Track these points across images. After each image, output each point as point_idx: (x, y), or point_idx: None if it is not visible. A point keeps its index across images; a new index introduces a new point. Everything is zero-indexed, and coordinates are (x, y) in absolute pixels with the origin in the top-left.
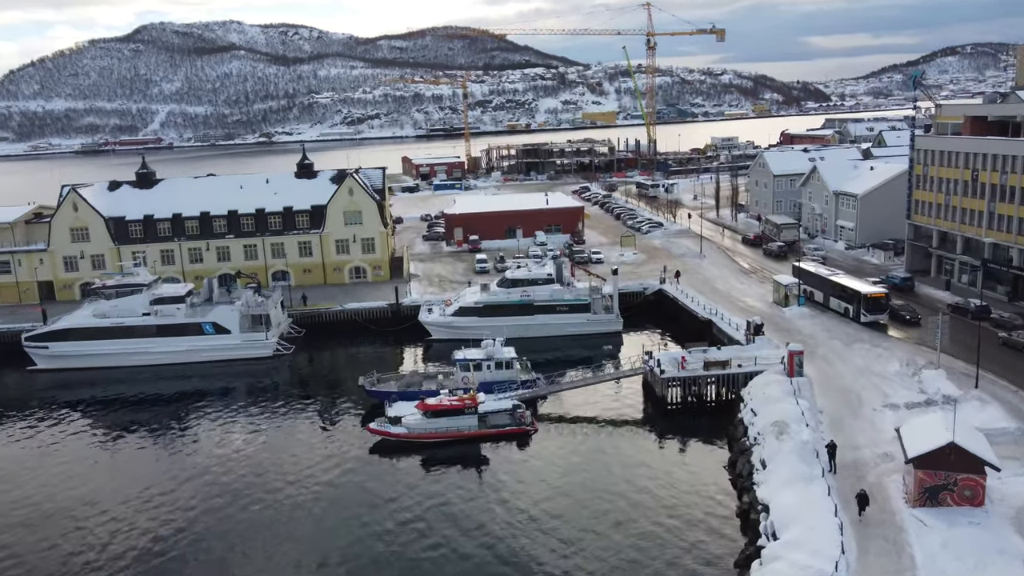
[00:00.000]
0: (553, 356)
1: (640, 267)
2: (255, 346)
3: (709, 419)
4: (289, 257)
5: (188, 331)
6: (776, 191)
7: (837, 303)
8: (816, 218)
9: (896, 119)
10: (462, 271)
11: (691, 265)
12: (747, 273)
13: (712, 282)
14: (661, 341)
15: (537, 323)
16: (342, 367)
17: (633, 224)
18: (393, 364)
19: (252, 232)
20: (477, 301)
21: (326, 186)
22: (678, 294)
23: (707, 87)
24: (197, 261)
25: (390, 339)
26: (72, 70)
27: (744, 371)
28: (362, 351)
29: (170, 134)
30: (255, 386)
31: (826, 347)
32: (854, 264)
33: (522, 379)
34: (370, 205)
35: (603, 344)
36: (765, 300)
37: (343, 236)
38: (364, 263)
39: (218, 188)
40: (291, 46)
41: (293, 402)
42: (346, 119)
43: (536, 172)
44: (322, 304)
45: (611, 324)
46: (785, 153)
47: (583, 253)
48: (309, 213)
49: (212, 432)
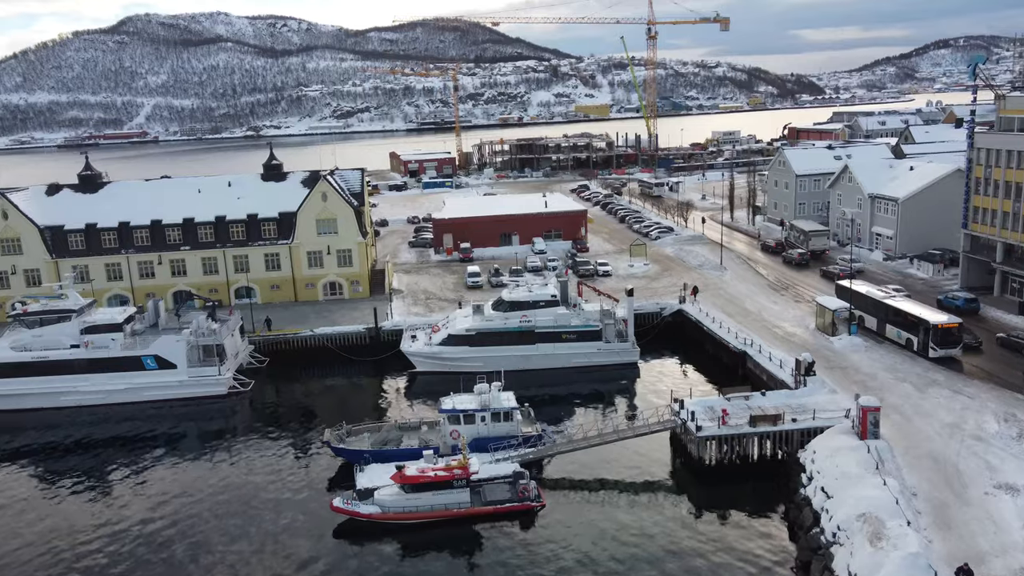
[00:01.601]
0: (558, 391)
1: (654, 281)
2: (206, 383)
3: (756, 485)
4: (254, 271)
5: (125, 366)
6: (799, 192)
7: (895, 332)
8: (847, 224)
9: (907, 112)
10: (452, 285)
11: (711, 279)
12: (777, 290)
13: (738, 301)
14: (686, 377)
15: (539, 354)
16: (309, 406)
17: (640, 229)
18: (370, 403)
19: (211, 243)
20: (468, 328)
21: (297, 190)
22: (702, 317)
23: (701, 80)
24: (148, 276)
25: (368, 369)
26: (55, 62)
27: (800, 427)
28: (335, 385)
29: (156, 128)
30: (202, 433)
31: (894, 392)
32: (898, 279)
33: (525, 433)
34: (346, 212)
35: (617, 378)
36: (805, 325)
37: (316, 247)
38: (340, 278)
39: (172, 192)
40: (279, 38)
41: (245, 455)
42: (335, 112)
43: (531, 169)
44: (289, 328)
45: (626, 354)
46: (808, 150)
47: (588, 265)
48: (277, 221)
49: (140, 495)
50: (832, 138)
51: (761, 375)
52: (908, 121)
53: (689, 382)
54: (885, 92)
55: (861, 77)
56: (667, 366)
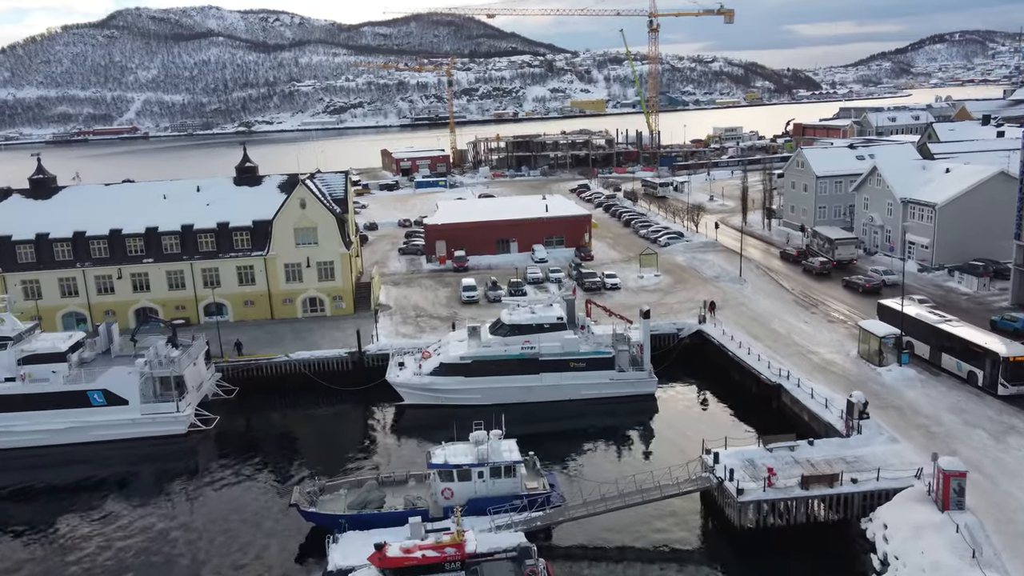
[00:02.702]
0: (565, 427)
1: (667, 295)
2: (162, 421)
3: (809, 558)
4: (225, 286)
5: (68, 402)
6: (819, 195)
7: (954, 363)
8: (875, 231)
9: (917, 108)
10: (445, 300)
11: (731, 293)
12: (805, 306)
13: (764, 320)
14: (710, 411)
15: (544, 385)
16: (282, 447)
17: (648, 235)
18: (352, 442)
19: (177, 255)
20: (463, 356)
21: (273, 196)
22: (726, 341)
23: (697, 75)
24: (106, 292)
25: (351, 400)
26: (44, 57)
27: (862, 489)
28: (313, 419)
29: (146, 123)
30: (152, 481)
31: (966, 442)
32: (939, 293)
33: (529, 491)
34: (328, 220)
35: (632, 411)
36: (845, 352)
37: (294, 259)
38: (321, 293)
39: (134, 198)
40: (272, 32)
41: (202, 510)
42: (328, 108)
43: (527, 167)
44: (262, 352)
45: (642, 384)
46: (828, 150)
47: (595, 277)
48: (250, 230)
49: (71, 551)
50: (839, 135)
51: (800, 413)
52: (919, 117)
53: (715, 418)
54: (881, 87)
55: (857, 72)
56: (688, 397)
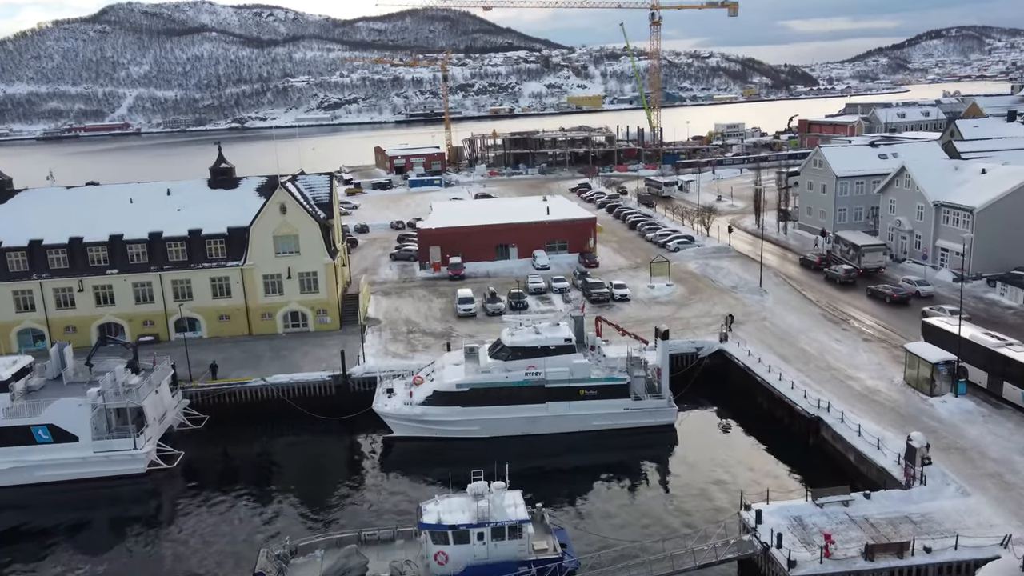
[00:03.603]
0: (575, 463)
1: (682, 308)
2: (117, 459)
3: None
4: (198, 299)
5: (10, 438)
6: (839, 197)
7: (1018, 393)
8: (903, 236)
9: (926, 103)
10: (439, 313)
11: (751, 306)
12: (835, 321)
13: (791, 338)
14: (736, 445)
15: (550, 415)
16: (254, 488)
17: (656, 239)
18: (334, 479)
19: (144, 265)
20: (460, 383)
21: (250, 200)
22: (752, 363)
23: (695, 70)
24: (66, 306)
25: (334, 429)
26: (34, 52)
27: (937, 560)
28: (290, 453)
29: (138, 119)
30: (108, 527)
31: None
32: (980, 307)
33: (538, 553)
34: (310, 226)
35: (649, 444)
36: (888, 377)
37: (273, 270)
38: (304, 306)
39: (98, 203)
40: (265, 28)
41: (159, 566)
42: (322, 104)
43: (525, 164)
44: (236, 377)
45: (661, 414)
46: (848, 148)
47: (602, 287)
48: (225, 238)
49: None
50: (847, 132)
51: (846, 452)
52: (929, 113)
53: (744, 455)
54: (879, 83)
55: (854, 68)
56: (711, 428)
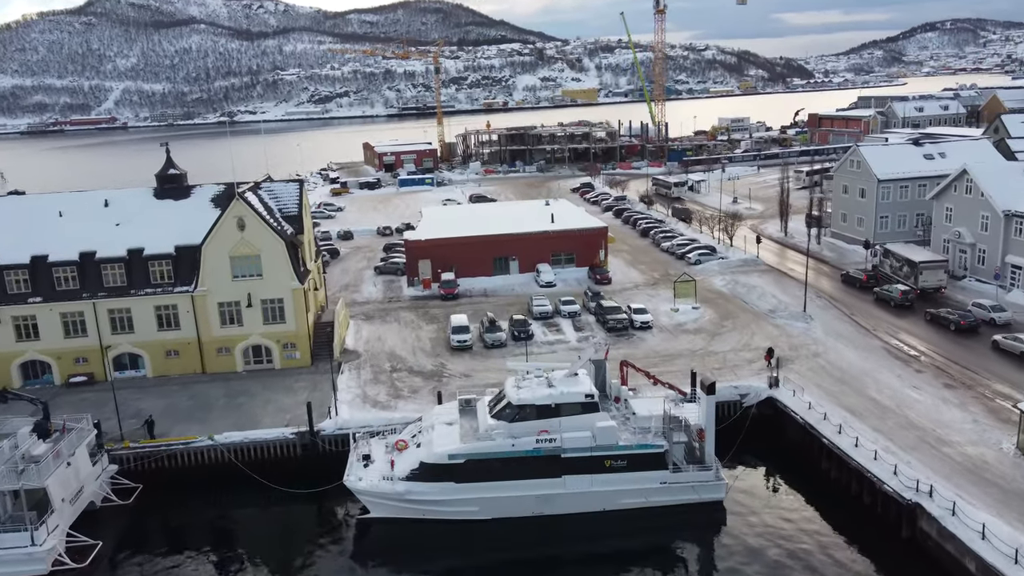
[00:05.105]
0: (597, 552)
1: (714, 339)
2: (9, 559)
3: None
4: (140, 332)
5: None
6: (880, 203)
7: None
8: (963, 249)
9: (945, 97)
10: (429, 344)
11: (797, 337)
12: (904, 360)
13: (855, 381)
14: (807, 541)
15: (568, 493)
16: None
17: (672, 248)
18: (295, 566)
19: (75, 291)
20: (453, 453)
21: (204, 212)
22: (814, 419)
23: (691, 63)
24: None
25: (297, 503)
26: (19, 45)
27: None
28: (239, 536)
29: (125, 113)
30: None
31: None
32: None
33: None
34: (275, 245)
35: (691, 526)
36: (994, 442)
37: (231, 296)
38: (268, 339)
39: (19, 217)
40: (255, 20)
41: None
42: (313, 97)
43: (523, 161)
44: (177, 436)
45: (706, 489)
46: (890, 148)
47: (619, 312)
48: (173, 259)
49: None
50: (861, 126)
51: (960, 556)
52: (948, 107)
53: (815, 548)
54: (874, 76)
55: (849, 60)
56: (766, 506)
